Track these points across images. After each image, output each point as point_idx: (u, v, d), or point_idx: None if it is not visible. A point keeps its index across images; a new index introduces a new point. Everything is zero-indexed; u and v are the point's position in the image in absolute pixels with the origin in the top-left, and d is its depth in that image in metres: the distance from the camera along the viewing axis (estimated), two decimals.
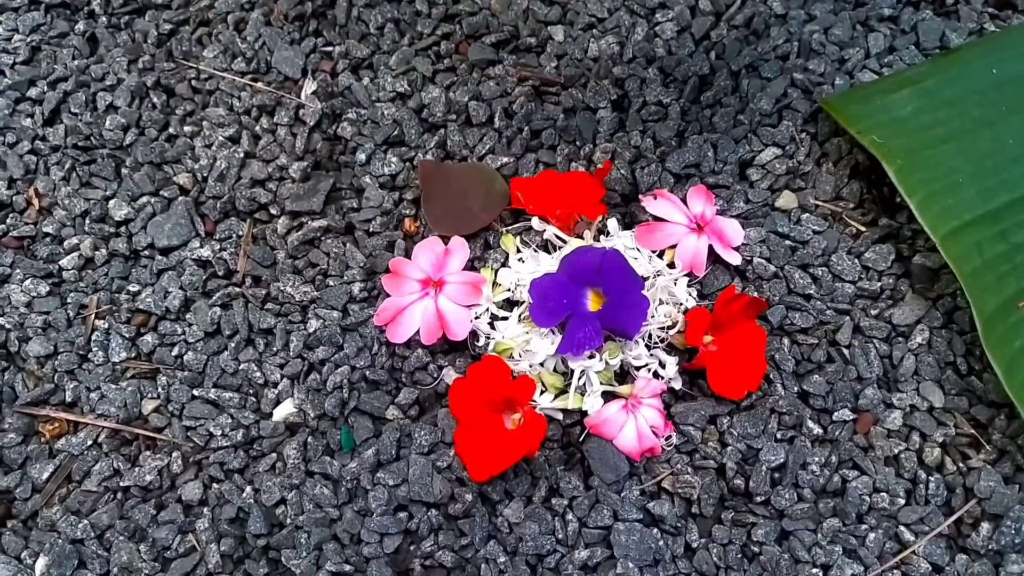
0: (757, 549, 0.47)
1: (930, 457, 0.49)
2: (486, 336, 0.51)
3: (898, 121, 0.53)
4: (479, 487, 0.48)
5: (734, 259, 0.53)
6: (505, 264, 0.53)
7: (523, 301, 0.51)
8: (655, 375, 0.50)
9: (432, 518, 0.47)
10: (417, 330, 0.51)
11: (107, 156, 0.60)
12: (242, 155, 0.59)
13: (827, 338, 0.52)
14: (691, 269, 0.52)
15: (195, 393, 0.51)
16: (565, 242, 0.53)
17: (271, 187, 0.58)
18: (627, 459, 0.48)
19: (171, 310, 0.54)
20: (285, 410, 0.51)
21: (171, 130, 0.61)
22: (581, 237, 0.53)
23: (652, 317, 0.50)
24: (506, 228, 0.55)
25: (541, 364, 0.50)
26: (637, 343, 0.49)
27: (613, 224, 0.54)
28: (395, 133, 0.59)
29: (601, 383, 0.49)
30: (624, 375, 0.50)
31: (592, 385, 0.49)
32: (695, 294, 0.52)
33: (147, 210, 0.57)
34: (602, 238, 0.53)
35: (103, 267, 0.56)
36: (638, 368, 0.50)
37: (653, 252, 0.53)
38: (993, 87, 0.54)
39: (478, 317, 0.51)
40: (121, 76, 0.63)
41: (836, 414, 0.50)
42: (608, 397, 0.49)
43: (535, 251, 0.53)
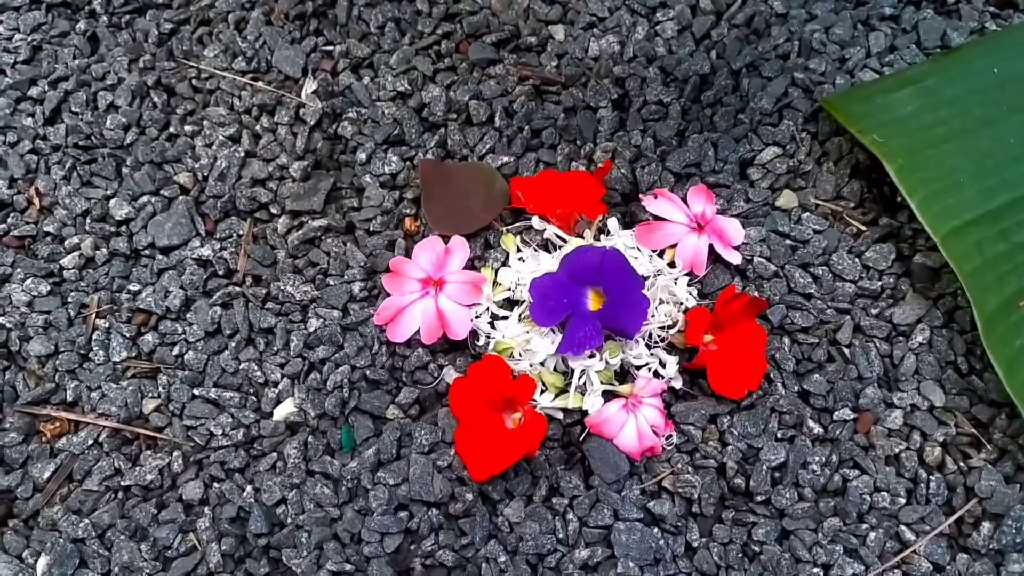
0: (758, 548, 0.47)
1: (931, 456, 0.49)
2: (486, 335, 0.51)
3: (899, 120, 0.53)
4: (479, 486, 0.48)
5: (734, 258, 0.53)
6: (505, 263, 0.53)
7: (523, 300, 0.51)
8: (655, 374, 0.50)
9: (433, 517, 0.47)
10: (417, 329, 0.51)
11: (108, 155, 0.60)
12: (242, 154, 0.59)
13: (827, 337, 0.52)
14: (691, 268, 0.52)
15: (196, 392, 0.51)
16: (565, 241, 0.53)
17: (271, 186, 0.58)
18: (627, 458, 0.48)
19: (172, 309, 0.54)
20: (285, 409, 0.51)
21: (172, 129, 0.61)
22: (581, 236, 0.53)
23: (652, 316, 0.50)
24: (506, 227, 0.55)
25: (541, 363, 0.50)
26: (637, 342, 0.49)
27: (613, 223, 0.54)
28: (395, 132, 0.59)
29: (601, 382, 0.49)
30: (624, 374, 0.50)
31: (592, 384, 0.49)
32: (695, 293, 0.52)
33: (148, 209, 0.57)
34: (602, 237, 0.53)
35: (104, 266, 0.56)
36: (638, 367, 0.50)
37: (653, 251, 0.53)
38: (994, 86, 0.54)
39: (478, 316, 0.51)
40: (122, 75, 0.63)
41: (837, 413, 0.50)
42: (608, 396, 0.49)
43: (535, 250, 0.53)
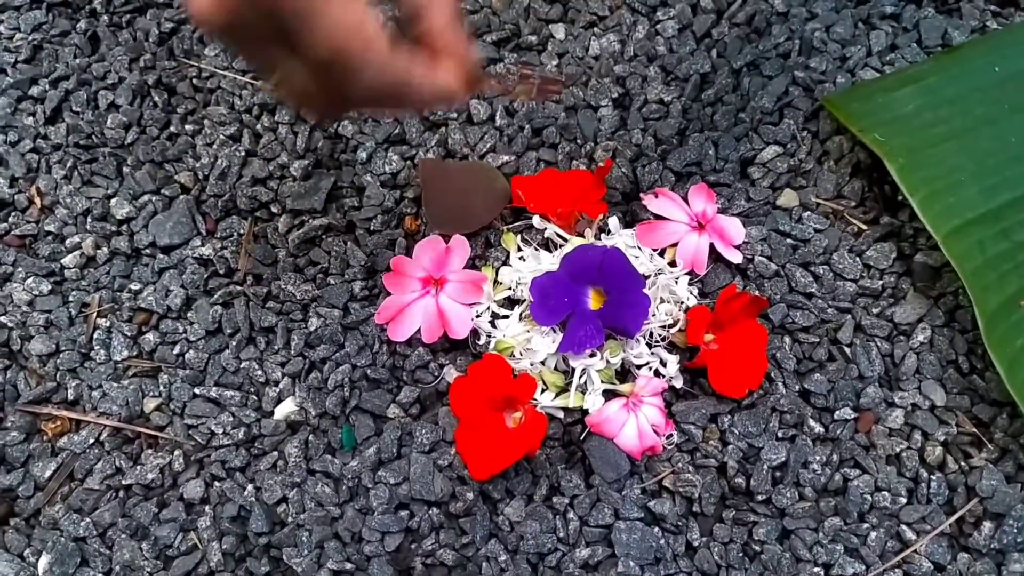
0: (758, 548, 0.47)
1: (932, 456, 0.49)
2: (487, 334, 0.51)
3: (900, 119, 0.53)
4: (480, 485, 0.48)
5: (735, 257, 0.53)
6: (506, 262, 0.53)
7: (524, 299, 0.51)
8: (656, 374, 0.50)
9: (433, 516, 0.47)
10: (418, 328, 0.51)
11: (108, 155, 0.60)
12: (243, 153, 0.59)
13: (828, 337, 0.52)
14: (692, 267, 0.52)
15: (196, 391, 0.51)
16: (566, 240, 0.53)
17: (272, 185, 0.58)
18: (628, 458, 0.48)
19: (172, 308, 0.54)
20: (286, 408, 0.51)
21: (172, 128, 0.61)
22: (582, 235, 0.53)
23: (653, 315, 0.50)
24: (507, 226, 0.55)
25: (542, 362, 0.50)
26: (638, 341, 0.49)
27: (614, 222, 0.54)
28: (396, 131, 0.59)
29: (602, 381, 0.49)
30: (625, 373, 0.50)
31: (593, 384, 0.49)
32: (696, 292, 0.52)
33: (148, 208, 0.57)
34: (603, 236, 0.53)
35: (104, 266, 0.56)
36: (639, 367, 0.50)
37: (654, 250, 0.53)
38: (995, 85, 0.54)
39: (479, 315, 0.51)
40: (122, 75, 0.63)
41: (837, 413, 0.50)
42: (609, 396, 0.49)
43: (536, 249, 0.53)
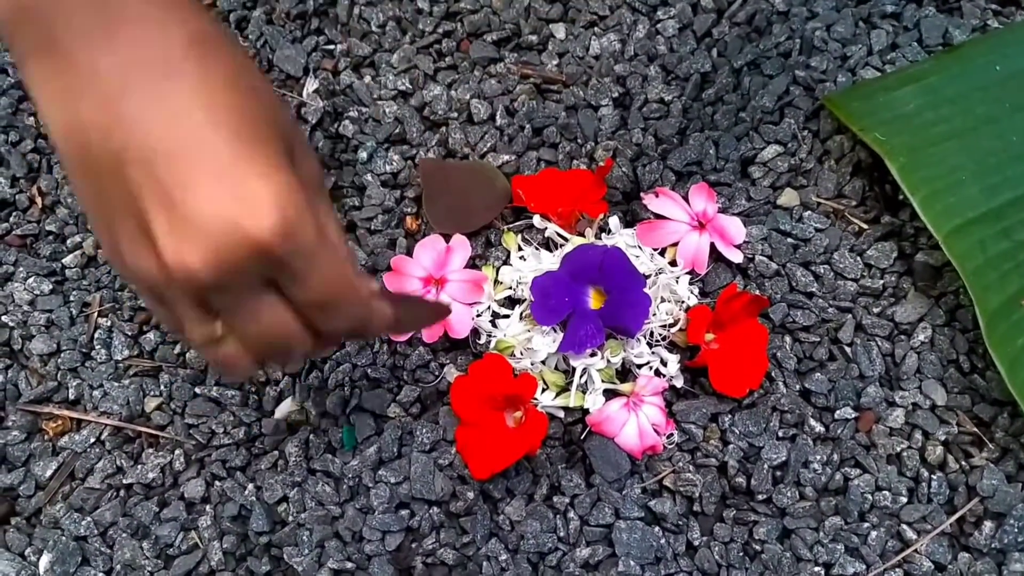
0: (759, 547, 0.47)
1: (932, 455, 0.49)
2: (488, 334, 0.51)
3: (901, 118, 0.53)
4: (481, 485, 0.48)
5: (736, 257, 0.52)
6: (507, 262, 0.53)
7: (525, 299, 0.51)
8: (657, 373, 0.49)
9: (434, 516, 0.47)
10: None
11: None
12: None
13: (829, 336, 0.52)
14: (693, 267, 0.52)
15: (197, 391, 0.52)
16: (567, 240, 0.53)
17: None
18: (629, 457, 0.48)
19: None
20: (287, 408, 0.51)
21: None
22: (583, 235, 0.53)
23: (654, 315, 0.50)
24: (508, 226, 0.55)
25: (543, 362, 0.50)
26: (639, 341, 0.49)
27: (615, 222, 0.54)
28: (397, 131, 0.59)
29: (603, 381, 0.49)
30: (626, 373, 0.50)
31: (594, 383, 0.49)
32: (697, 292, 0.52)
33: None
34: (604, 236, 0.53)
35: (105, 265, 0.56)
36: (640, 366, 0.49)
37: (655, 250, 0.53)
38: (996, 84, 0.54)
39: (479, 315, 0.51)
40: None
41: (838, 412, 0.50)
42: (610, 395, 0.49)
43: (536, 249, 0.53)
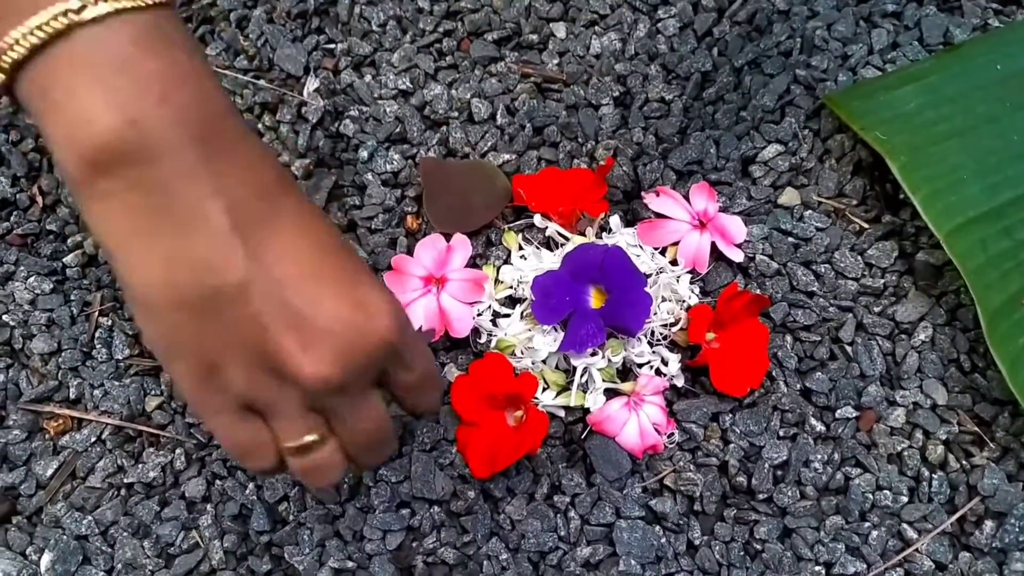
0: (759, 547, 0.47)
1: (933, 455, 0.49)
2: (488, 333, 0.51)
3: (901, 117, 0.53)
4: (481, 484, 0.48)
5: (736, 256, 0.52)
6: (507, 261, 0.53)
7: (525, 298, 0.51)
8: (657, 372, 0.49)
9: (434, 515, 0.47)
10: (419, 327, 0.51)
11: None
12: None
13: (830, 335, 0.52)
14: (693, 266, 0.52)
15: None
16: (567, 239, 0.53)
17: None
18: (629, 456, 0.48)
19: None
20: None
21: None
22: (583, 234, 0.53)
23: (654, 314, 0.50)
24: (508, 225, 0.55)
25: (543, 361, 0.50)
26: (639, 340, 0.49)
27: (615, 221, 0.54)
28: (397, 130, 0.59)
29: (603, 380, 0.49)
30: (626, 372, 0.50)
31: (594, 382, 0.49)
32: (697, 291, 0.52)
33: None
34: (604, 235, 0.53)
35: (106, 264, 0.56)
36: (640, 365, 0.49)
37: (655, 249, 0.53)
38: (997, 83, 0.54)
39: (480, 314, 0.51)
40: None
41: (839, 411, 0.50)
42: (610, 394, 0.49)
43: (537, 248, 0.53)
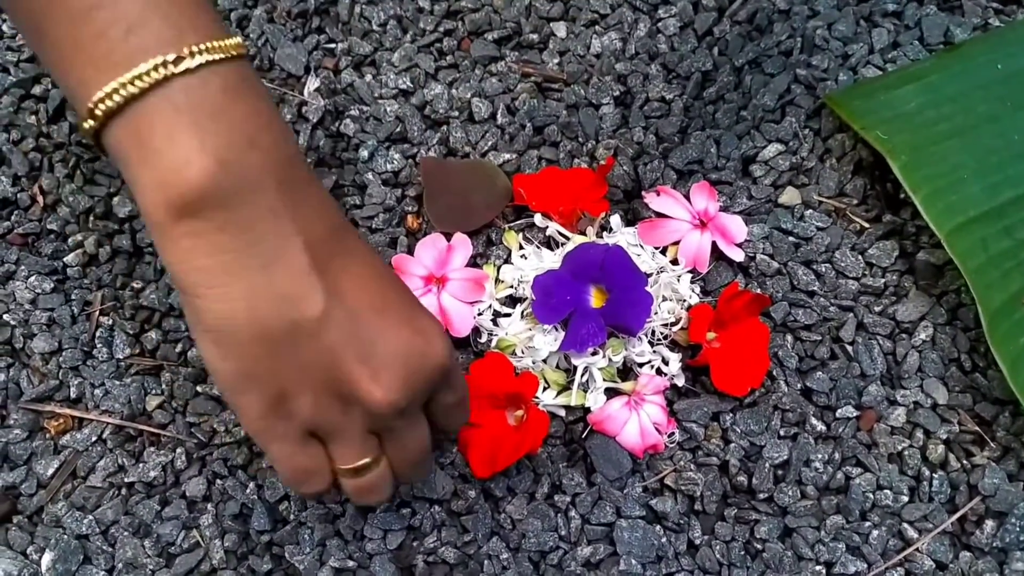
0: (760, 546, 0.47)
1: (934, 454, 0.49)
2: (489, 333, 0.51)
3: (902, 117, 0.53)
4: (482, 483, 0.48)
5: (737, 255, 0.52)
6: (508, 261, 0.53)
7: (526, 298, 0.51)
8: (658, 372, 0.49)
9: (435, 514, 0.47)
10: None
11: None
12: None
13: (830, 335, 0.52)
14: (694, 266, 0.52)
15: (198, 389, 0.51)
16: (568, 239, 0.53)
17: None
18: (630, 456, 0.48)
19: (174, 307, 0.54)
20: None
21: None
22: (584, 234, 0.53)
23: (655, 314, 0.50)
24: (509, 225, 0.55)
25: (544, 361, 0.50)
26: (640, 340, 0.49)
27: (616, 221, 0.54)
28: (398, 130, 0.59)
29: (604, 380, 0.49)
30: (627, 372, 0.50)
31: (595, 382, 0.49)
32: (698, 291, 0.52)
33: None
34: (605, 235, 0.53)
35: (107, 264, 0.56)
36: (641, 365, 0.49)
37: (656, 248, 0.53)
38: (998, 82, 0.54)
39: (481, 314, 0.51)
40: None
41: (839, 411, 0.50)
42: (611, 394, 0.49)
43: (538, 248, 0.53)
